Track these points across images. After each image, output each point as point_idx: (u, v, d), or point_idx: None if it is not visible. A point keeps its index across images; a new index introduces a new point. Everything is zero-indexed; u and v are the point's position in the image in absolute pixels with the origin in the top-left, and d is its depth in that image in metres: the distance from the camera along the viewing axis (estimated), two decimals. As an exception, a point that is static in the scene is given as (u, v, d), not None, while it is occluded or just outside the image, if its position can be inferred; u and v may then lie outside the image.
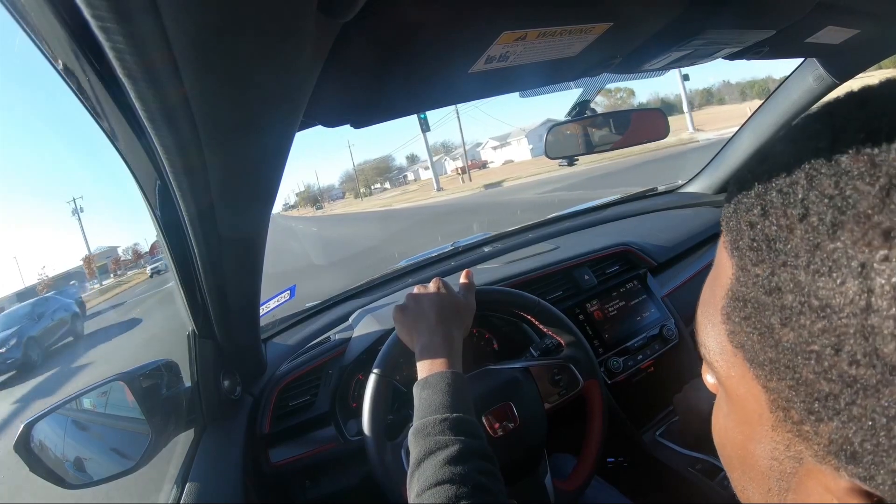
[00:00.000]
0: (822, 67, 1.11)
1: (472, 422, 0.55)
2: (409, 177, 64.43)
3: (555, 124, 0.99)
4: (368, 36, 0.38)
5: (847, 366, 0.18)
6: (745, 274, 0.21)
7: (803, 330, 0.19)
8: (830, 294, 0.18)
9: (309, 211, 65.64)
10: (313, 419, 0.86)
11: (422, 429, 0.53)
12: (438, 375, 0.58)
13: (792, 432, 0.21)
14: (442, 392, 0.56)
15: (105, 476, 0.66)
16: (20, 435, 0.60)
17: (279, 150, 0.41)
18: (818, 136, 0.19)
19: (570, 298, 1.07)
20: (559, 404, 0.80)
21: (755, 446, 0.24)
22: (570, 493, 0.75)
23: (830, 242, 0.18)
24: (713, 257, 0.26)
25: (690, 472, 0.89)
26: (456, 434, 0.52)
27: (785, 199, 0.19)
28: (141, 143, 0.41)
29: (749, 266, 0.21)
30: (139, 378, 0.69)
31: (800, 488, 0.22)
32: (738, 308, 0.22)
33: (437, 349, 0.62)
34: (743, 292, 0.22)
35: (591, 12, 0.48)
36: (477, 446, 0.52)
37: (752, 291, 0.21)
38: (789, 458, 0.22)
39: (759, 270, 0.20)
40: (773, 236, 0.20)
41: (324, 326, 1.06)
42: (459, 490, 0.46)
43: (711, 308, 0.25)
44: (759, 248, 0.20)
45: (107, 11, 0.19)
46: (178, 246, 0.55)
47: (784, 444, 0.22)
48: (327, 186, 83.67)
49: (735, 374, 0.24)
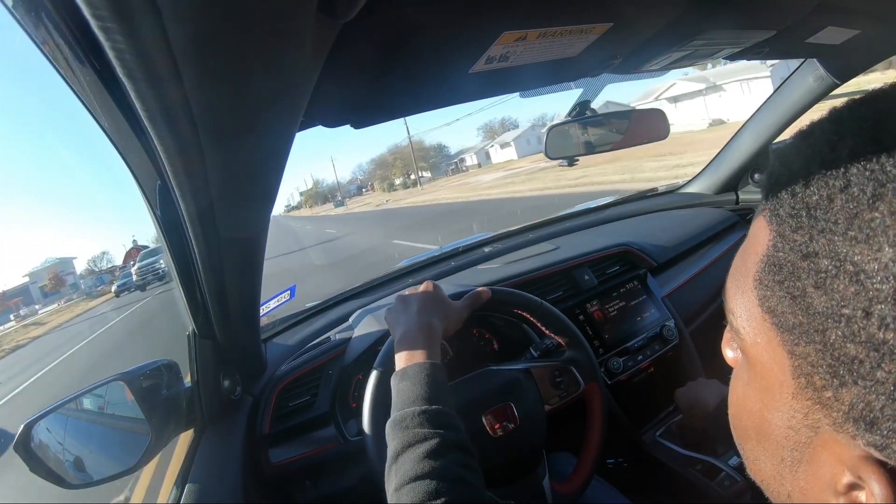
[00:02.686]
0: (822, 67, 1.11)
1: (451, 414, 0.55)
2: (469, 161, 50.51)
3: (555, 124, 0.99)
4: (369, 36, 0.38)
5: (876, 329, 0.19)
6: (783, 240, 0.22)
7: (836, 294, 0.20)
8: (865, 260, 0.19)
9: (321, 209, 55.95)
10: (313, 419, 0.86)
11: (400, 421, 0.52)
12: (417, 366, 0.57)
13: (812, 399, 0.22)
14: (420, 383, 0.55)
15: (105, 476, 0.66)
16: (20, 435, 0.60)
17: (279, 150, 0.41)
18: (863, 119, 0.21)
19: (570, 299, 1.07)
20: (560, 406, 0.80)
21: (773, 415, 0.25)
22: (568, 495, 0.75)
23: (869, 212, 0.19)
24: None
25: (690, 472, 0.89)
26: (434, 427, 0.51)
27: (827, 170, 0.21)
28: (141, 143, 0.41)
29: (788, 232, 0.22)
30: (139, 378, 0.69)
31: (813, 459, 0.23)
32: (772, 273, 0.23)
33: (415, 339, 0.61)
34: (779, 257, 0.23)
35: (591, 12, 0.48)
36: (455, 438, 0.52)
37: (789, 256, 0.22)
38: (806, 426, 0.23)
39: (798, 237, 0.22)
40: (813, 205, 0.21)
41: (324, 326, 1.06)
42: (439, 485, 0.46)
43: (742, 276, 0.26)
44: (799, 215, 0.22)
45: (107, 11, 0.19)
46: (178, 246, 0.55)
47: (802, 412, 0.23)
48: (331, 184, 72.80)
49: (761, 341, 0.24)
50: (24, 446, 0.59)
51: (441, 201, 20.18)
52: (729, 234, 1.38)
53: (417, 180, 43.92)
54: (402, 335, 0.63)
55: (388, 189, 52.74)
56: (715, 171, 1.56)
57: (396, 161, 56.58)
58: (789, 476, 0.25)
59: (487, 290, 0.77)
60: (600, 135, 0.99)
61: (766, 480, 0.27)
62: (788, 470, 0.25)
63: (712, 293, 1.22)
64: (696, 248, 1.31)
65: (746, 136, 1.42)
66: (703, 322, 1.18)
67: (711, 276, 1.23)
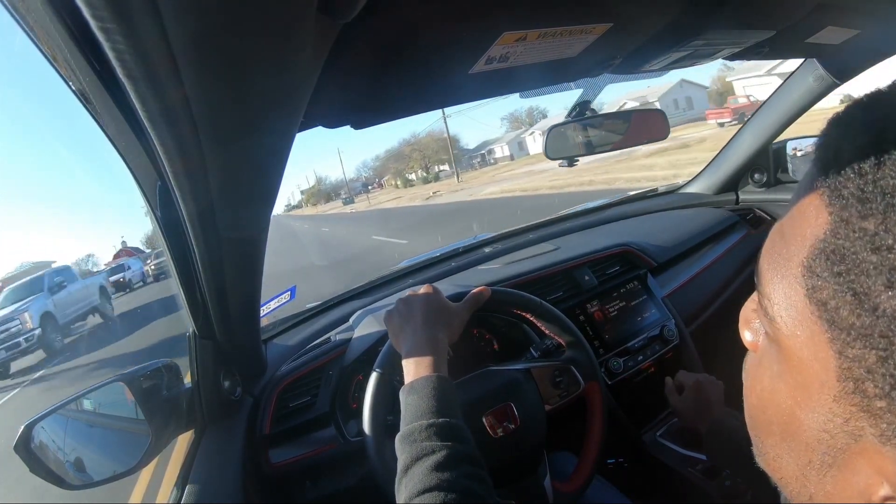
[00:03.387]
0: (822, 67, 1.11)
1: (460, 426, 0.55)
2: (498, 153, 43.78)
3: (554, 125, 0.99)
4: (369, 36, 0.38)
5: None
6: (847, 226, 0.19)
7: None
8: None
9: (328, 207, 51.33)
10: (313, 420, 0.86)
11: (408, 435, 0.53)
12: (424, 380, 0.58)
13: (858, 406, 0.20)
14: (428, 397, 0.55)
15: (105, 476, 0.66)
16: (20, 435, 0.59)
17: (279, 150, 0.41)
18: None
19: (570, 299, 1.07)
20: (560, 406, 0.80)
21: (806, 415, 0.22)
22: (569, 494, 0.75)
23: None
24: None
25: (690, 472, 0.89)
26: (443, 440, 0.52)
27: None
28: (141, 144, 0.41)
29: (853, 218, 0.19)
30: (139, 379, 0.69)
31: (846, 466, 0.21)
32: (829, 262, 0.20)
33: (422, 352, 0.61)
34: (840, 246, 0.20)
35: (591, 13, 0.48)
36: (464, 451, 0.52)
37: (854, 246, 0.19)
38: (846, 433, 0.21)
39: (868, 225, 0.19)
40: (889, 189, 0.18)
41: (324, 327, 1.06)
42: (448, 496, 0.46)
43: (784, 258, 0.23)
44: (870, 199, 0.19)
45: (107, 11, 0.19)
46: (178, 246, 0.55)
47: (844, 417, 0.21)
48: (335, 181, 68.04)
49: (802, 335, 0.22)
50: (24, 447, 0.59)
51: (507, 194, 15.78)
52: (729, 234, 1.38)
53: (456, 172, 36.17)
54: (409, 349, 0.63)
55: (404, 185, 46.85)
56: (715, 171, 1.56)
57: (414, 153, 48.75)
58: (815, 478, 0.23)
59: (487, 289, 0.77)
60: (600, 135, 0.99)
61: (787, 479, 0.25)
62: (815, 472, 0.23)
63: (713, 293, 1.22)
64: (696, 248, 1.31)
65: (746, 135, 1.42)
66: (704, 322, 1.18)
67: (712, 276, 1.23)
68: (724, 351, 0.68)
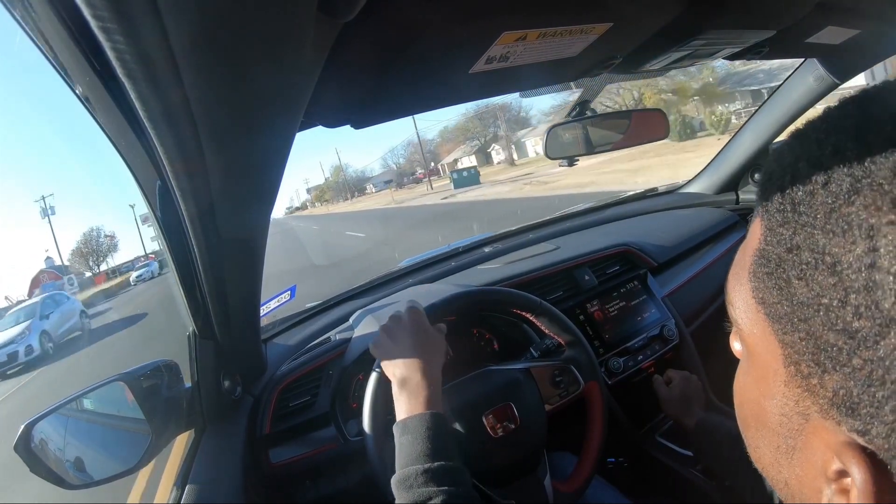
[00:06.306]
0: (822, 67, 1.11)
1: (456, 468, 0.55)
2: (496, 157, 34.38)
3: (555, 124, 0.99)
4: (369, 36, 0.38)
5: (851, 317, 0.20)
6: (772, 234, 0.24)
7: (815, 284, 0.21)
8: (841, 252, 0.20)
9: (337, 206, 45.86)
10: (314, 419, 0.86)
11: (404, 480, 0.53)
12: (418, 419, 0.57)
13: (801, 387, 0.23)
14: (422, 439, 0.55)
15: (105, 476, 0.66)
16: (20, 435, 0.59)
17: (279, 150, 0.41)
18: (849, 117, 0.22)
19: (570, 299, 1.07)
20: (560, 405, 0.80)
21: (768, 402, 0.26)
22: (569, 494, 0.75)
23: (846, 207, 0.20)
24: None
25: (690, 472, 0.89)
26: (439, 485, 0.52)
27: (812, 167, 0.22)
28: (141, 143, 0.41)
29: (776, 227, 0.23)
30: (139, 378, 0.69)
31: (805, 446, 0.24)
32: (763, 265, 0.24)
33: (416, 386, 0.60)
34: (768, 251, 0.24)
35: (591, 12, 0.48)
36: (461, 494, 0.52)
37: (776, 249, 0.23)
38: (798, 413, 0.24)
39: (784, 230, 0.23)
40: (798, 200, 0.22)
41: (324, 327, 1.06)
42: None
43: (741, 269, 0.27)
44: (785, 210, 0.23)
45: (107, 11, 0.19)
46: (178, 246, 0.55)
47: (794, 399, 0.24)
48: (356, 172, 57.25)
49: (757, 331, 0.26)
50: (24, 447, 0.59)
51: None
52: (729, 234, 1.38)
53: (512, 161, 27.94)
54: (401, 381, 0.62)
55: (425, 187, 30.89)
56: (715, 170, 1.56)
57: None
58: (786, 463, 0.26)
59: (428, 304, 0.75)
60: (600, 135, 0.99)
61: (766, 468, 0.28)
62: (784, 457, 0.25)
63: (712, 293, 1.22)
64: (696, 248, 1.31)
65: (747, 135, 1.42)
66: (704, 322, 1.18)
67: (711, 276, 1.23)
68: (724, 350, 0.67)
